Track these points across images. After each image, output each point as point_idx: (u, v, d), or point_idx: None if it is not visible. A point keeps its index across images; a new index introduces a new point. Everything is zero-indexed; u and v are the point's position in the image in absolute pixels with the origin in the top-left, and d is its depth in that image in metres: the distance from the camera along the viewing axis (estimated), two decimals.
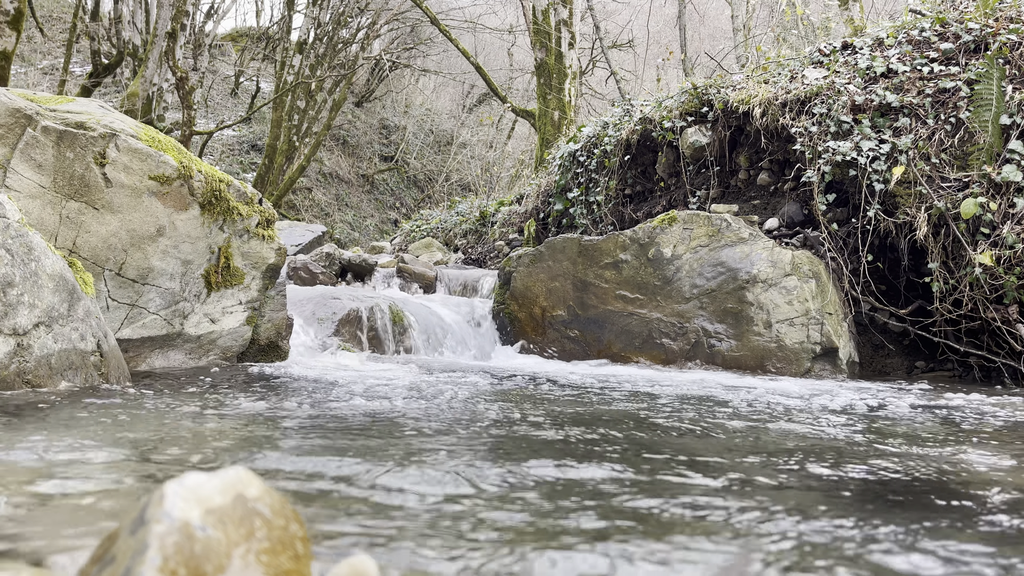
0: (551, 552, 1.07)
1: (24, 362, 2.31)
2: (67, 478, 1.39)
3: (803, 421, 2.54)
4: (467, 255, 9.19)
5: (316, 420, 2.19)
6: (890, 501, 1.49)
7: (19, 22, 6.92)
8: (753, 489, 1.52)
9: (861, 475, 1.71)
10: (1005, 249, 4.22)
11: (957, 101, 4.67)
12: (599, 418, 2.43)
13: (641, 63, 19.50)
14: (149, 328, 3.35)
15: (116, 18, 15.18)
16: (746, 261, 4.77)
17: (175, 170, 3.25)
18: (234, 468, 0.76)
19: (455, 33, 16.98)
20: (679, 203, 6.29)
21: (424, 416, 2.33)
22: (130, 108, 10.24)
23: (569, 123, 11.46)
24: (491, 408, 2.57)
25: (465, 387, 3.17)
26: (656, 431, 2.22)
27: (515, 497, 1.38)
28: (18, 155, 2.96)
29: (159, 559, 0.65)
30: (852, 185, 4.92)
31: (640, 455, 1.83)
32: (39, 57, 18.57)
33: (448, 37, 15.35)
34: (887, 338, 5.07)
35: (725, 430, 2.28)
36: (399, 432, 2.03)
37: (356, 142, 21.73)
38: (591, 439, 2.03)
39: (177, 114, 15.81)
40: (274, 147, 15.86)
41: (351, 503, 1.30)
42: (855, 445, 2.10)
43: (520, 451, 1.83)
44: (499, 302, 5.60)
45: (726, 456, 1.87)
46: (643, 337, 4.94)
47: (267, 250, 3.76)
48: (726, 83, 6.01)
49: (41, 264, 2.45)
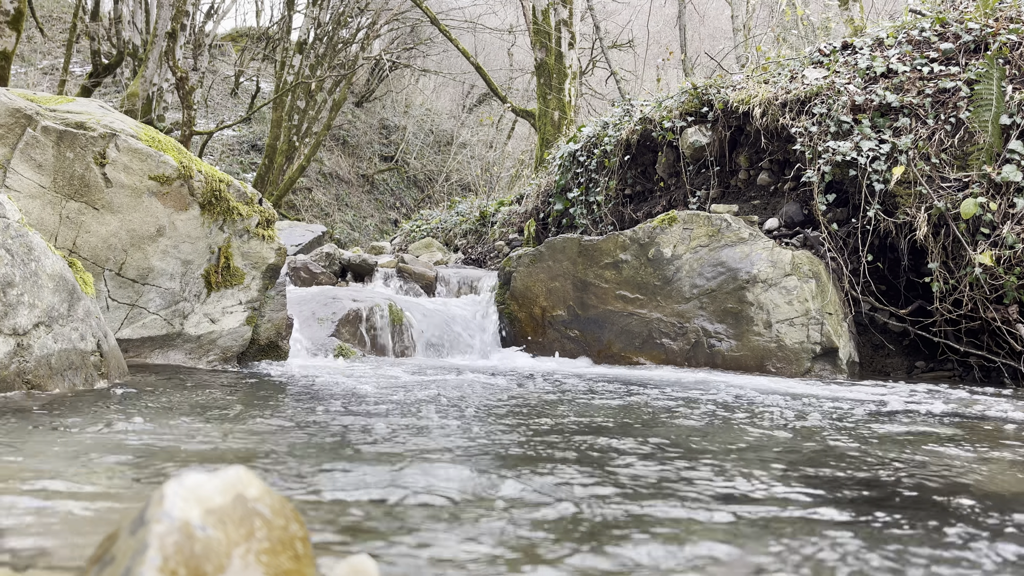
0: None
1: (24, 362, 2.31)
2: (67, 478, 1.39)
3: (806, 421, 2.54)
4: (467, 255, 9.18)
5: (316, 420, 2.19)
6: (884, 500, 1.49)
7: (19, 22, 6.92)
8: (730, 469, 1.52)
9: (863, 474, 1.71)
10: (1005, 249, 4.22)
11: (957, 101, 4.67)
12: (600, 418, 2.43)
13: (641, 63, 19.50)
14: (149, 328, 3.35)
15: (116, 18, 15.18)
16: (746, 261, 4.77)
17: (175, 170, 3.25)
18: (234, 468, 0.76)
19: (455, 33, 16.98)
20: (679, 203, 6.29)
21: (423, 416, 2.33)
22: (130, 108, 10.24)
23: (569, 123, 11.46)
24: (491, 408, 2.57)
25: (464, 387, 3.17)
26: (669, 435, 2.22)
27: (523, 512, 1.38)
28: (18, 155, 2.96)
29: (159, 559, 0.65)
30: (852, 185, 4.92)
31: (665, 460, 1.83)
32: (39, 57, 18.57)
33: (448, 37, 15.36)
34: (887, 338, 5.07)
35: (723, 427, 2.28)
36: (398, 432, 2.03)
37: (356, 142, 21.73)
38: (590, 441, 2.03)
39: (177, 114, 15.81)
40: (274, 147, 15.86)
41: (349, 505, 1.30)
42: (856, 444, 2.10)
43: (521, 453, 1.83)
44: (499, 302, 5.60)
45: (720, 448, 1.87)
46: (643, 337, 4.95)
47: (267, 250, 3.76)
48: (726, 83, 6.00)
49: (41, 264, 2.45)
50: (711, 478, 1.60)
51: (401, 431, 2.04)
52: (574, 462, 1.71)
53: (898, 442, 2.18)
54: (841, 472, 1.73)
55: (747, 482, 1.58)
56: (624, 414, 2.55)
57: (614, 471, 1.63)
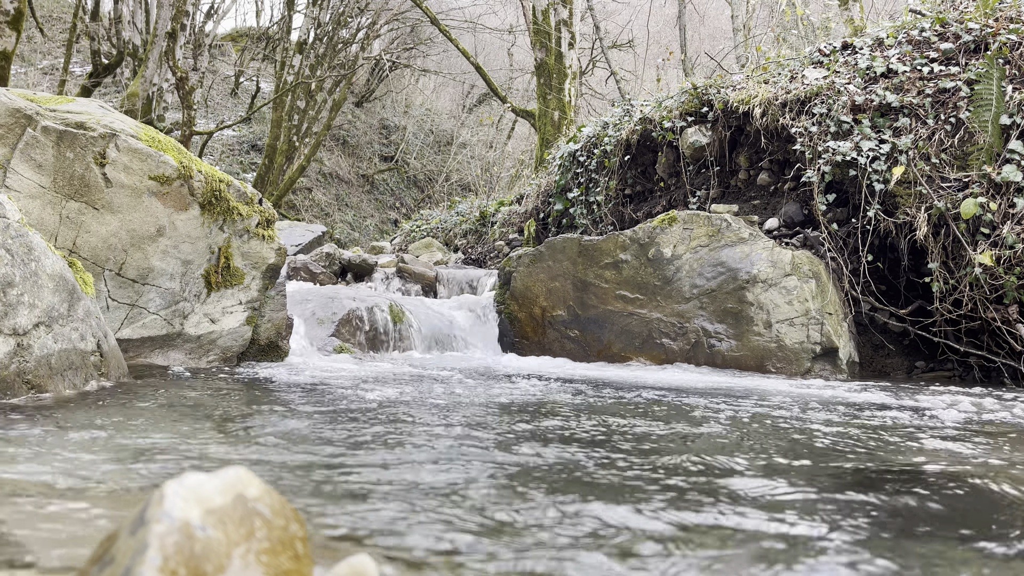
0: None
1: (24, 362, 2.31)
2: (67, 477, 1.39)
3: (808, 422, 2.54)
4: (467, 255, 9.18)
5: (316, 420, 2.19)
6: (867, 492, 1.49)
7: (19, 22, 6.92)
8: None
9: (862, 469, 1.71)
10: (1005, 249, 4.22)
11: (957, 101, 4.67)
12: (602, 418, 2.43)
13: (641, 63, 19.50)
14: (149, 328, 3.35)
15: (116, 18, 15.19)
16: (746, 261, 4.77)
17: (175, 170, 3.25)
18: (234, 468, 0.76)
19: (455, 33, 16.98)
20: (679, 203, 6.29)
21: (422, 416, 2.33)
22: (130, 108, 10.24)
23: (569, 123, 11.47)
24: (490, 410, 2.57)
25: (464, 387, 3.18)
26: (666, 431, 2.22)
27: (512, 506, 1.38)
28: (18, 155, 2.96)
29: (159, 559, 0.65)
30: (852, 185, 4.92)
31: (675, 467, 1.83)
32: (39, 57, 18.56)
33: (448, 37, 15.35)
34: (887, 338, 5.07)
35: (718, 424, 2.28)
36: (396, 432, 2.03)
37: (356, 142, 21.73)
38: (589, 439, 2.03)
39: (177, 114, 15.81)
40: (274, 147, 15.86)
41: (347, 501, 1.30)
42: (856, 442, 2.10)
43: (518, 457, 1.83)
44: (499, 302, 5.60)
45: (714, 449, 1.87)
46: (643, 337, 4.95)
47: (267, 250, 3.76)
48: (726, 83, 6.00)
49: (41, 264, 2.45)
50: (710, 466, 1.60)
51: (401, 431, 2.04)
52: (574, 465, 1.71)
53: (900, 442, 2.18)
54: (847, 469, 1.73)
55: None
56: (628, 415, 2.55)
57: (613, 469, 1.64)
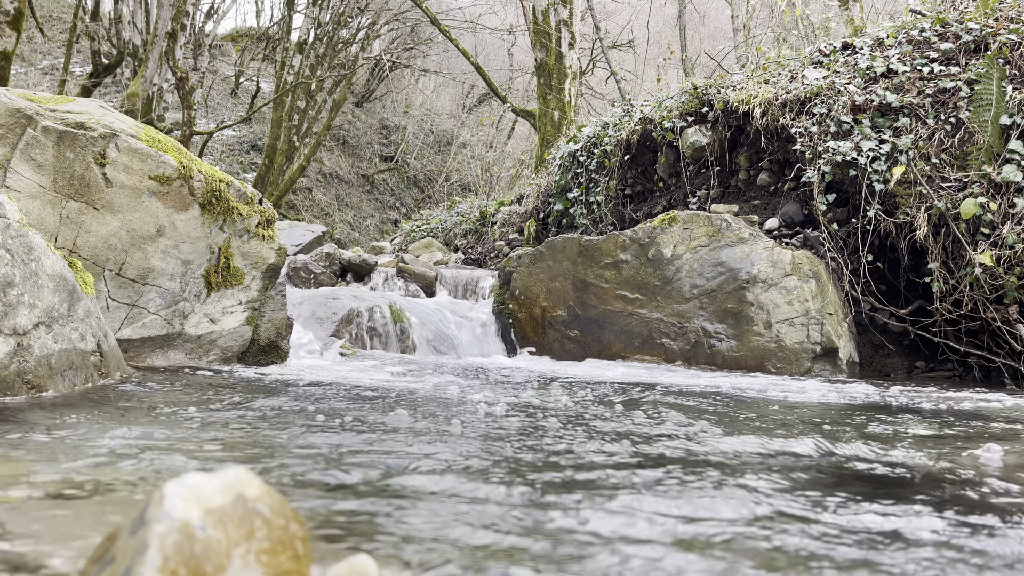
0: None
1: (24, 362, 2.31)
2: (66, 478, 1.39)
3: (812, 421, 2.54)
4: (467, 255, 9.19)
5: (316, 420, 2.19)
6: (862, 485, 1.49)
7: (19, 22, 6.92)
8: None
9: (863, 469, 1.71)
10: (1005, 249, 4.22)
11: (957, 101, 4.67)
12: (603, 418, 2.43)
13: (641, 63, 19.51)
14: (149, 328, 3.35)
15: (116, 18, 15.19)
16: (746, 261, 4.77)
17: (175, 170, 3.25)
18: (234, 468, 0.76)
19: (455, 33, 16.98)
20: (679, 203, 6.29)
21: (423, 416, 2.33)
22: (130, 108, 10.24)
23: (569, 123, 11.47)
24: (491, 410, 2.57)
25: (464, 388, 3.18)
26: (668, 430, 2.22)
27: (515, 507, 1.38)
28: (18, 155, 2.96)
29: (159, 559, 0.65)
30: (852, 185, 4.92)
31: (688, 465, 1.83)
32: (39, 57, 18.56)
33: (448, 37, 15.36)
34: (887, 338, 5.07)
35: (717, 421, 2.28)
36: (397, 432, 2.03)
37: (356, 142, 21.73)
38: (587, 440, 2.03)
39: (177, 114, 15.81)
40: (274, 147, 15.86)
41: (348, 502, 1.30)
42: (852, 443, 2.10)
43: (523, 457, 1.83)
44: (499, 302, 5.60)
45: (715, 447, 1.87)
46: (643, 337, 4.95)
47: (267, 250, 3.76)
48: (726, 83, 6.01)
49: (41, 264, 2.45)
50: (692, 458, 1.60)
51: (402, 431, 2.04)
52: (571, 467, 1.71)
53: (902, 441, 2.18)
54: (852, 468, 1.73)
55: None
56: (629, 415, 2.55)
57: (609, 468, 1.64)
